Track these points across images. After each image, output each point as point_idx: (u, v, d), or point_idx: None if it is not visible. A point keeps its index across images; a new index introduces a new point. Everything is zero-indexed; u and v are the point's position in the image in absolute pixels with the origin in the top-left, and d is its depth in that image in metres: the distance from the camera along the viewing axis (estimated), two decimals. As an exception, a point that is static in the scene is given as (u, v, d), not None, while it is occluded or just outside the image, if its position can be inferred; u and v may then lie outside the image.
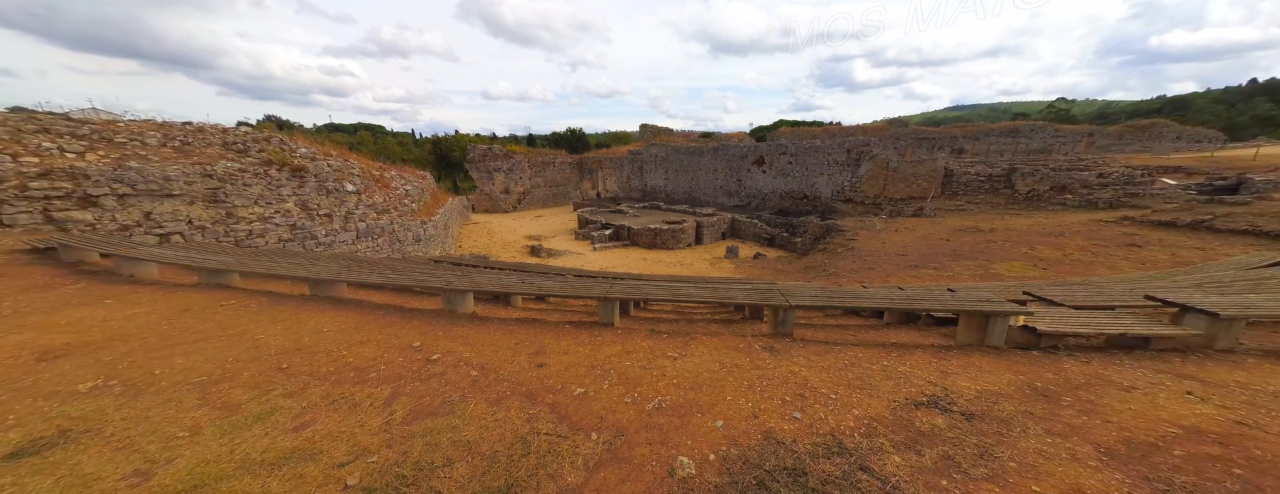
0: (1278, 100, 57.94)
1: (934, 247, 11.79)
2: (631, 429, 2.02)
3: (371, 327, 3.24)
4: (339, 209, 9.69)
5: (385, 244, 10.90)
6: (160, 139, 7.63)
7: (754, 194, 25.20)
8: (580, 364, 2.70)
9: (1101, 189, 16.09)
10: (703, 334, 3.36)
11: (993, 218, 15.21)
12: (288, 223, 8.59)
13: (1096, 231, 11.52)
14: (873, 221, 16.31)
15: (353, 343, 2.93)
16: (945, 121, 49.37)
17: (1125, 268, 8.55)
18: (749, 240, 19.63)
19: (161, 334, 2.94)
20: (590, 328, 3.42)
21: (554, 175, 35.25)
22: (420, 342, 3.00)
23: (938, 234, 13.23)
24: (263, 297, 3.82)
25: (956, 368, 2.70)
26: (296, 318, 3.35)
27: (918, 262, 10.53)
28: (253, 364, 2.60)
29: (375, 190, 11.09)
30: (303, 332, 3.09)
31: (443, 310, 3.68)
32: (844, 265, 11.50)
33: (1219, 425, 2.02)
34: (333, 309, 3.60)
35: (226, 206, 7.74)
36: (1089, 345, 3.15)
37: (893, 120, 33.20)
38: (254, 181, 8.13)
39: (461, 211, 26.79)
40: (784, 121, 51.38)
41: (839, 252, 13.29)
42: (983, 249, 10.92)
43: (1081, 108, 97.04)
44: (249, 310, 3.46)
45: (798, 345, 3.11)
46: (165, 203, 7.06)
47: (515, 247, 19.40)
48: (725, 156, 25.98)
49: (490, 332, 3.25)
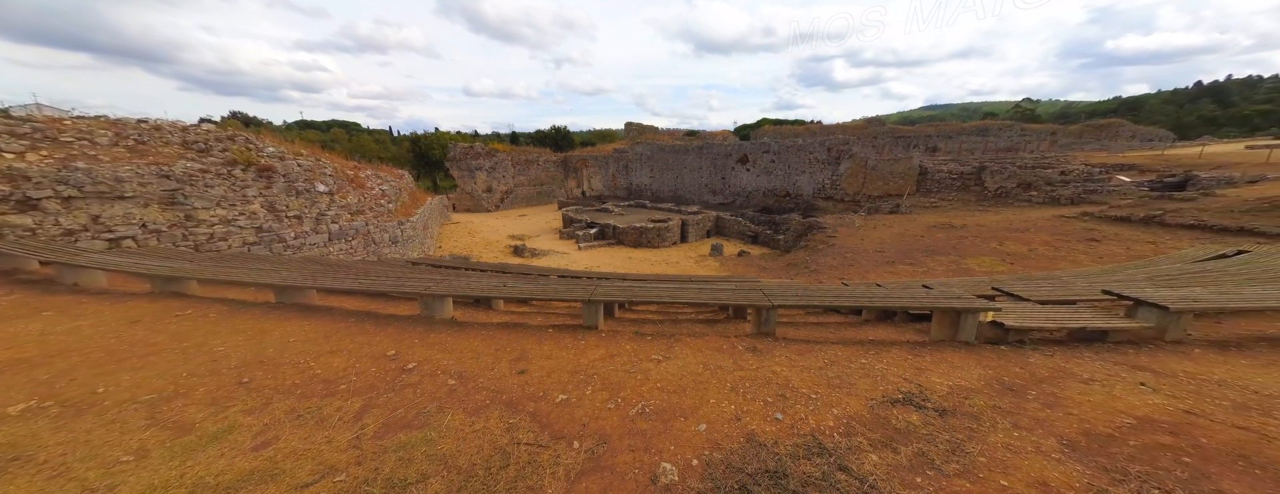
0: (1220, 102, 62.15)
1: (910, 242, 12.17)
2: (614, 436, 1.99)
3: (342, 335, 3.11)
4: (310, 210, 9.29)
5: (360, 246, 10.53)
6: (112, 138, 7.14)
7: (738, 192, 25.47)
8: (563, 369, 2.65)
9: (1064, 186, 16.92)
10: (687, 335, 3.36)
11: (964, 214, 15.80)
12: (253, 225, 8.19)
13: (1059, 227, 12.11)
14: (852, 219, 16.72)
15: (321, 353, 2.81)
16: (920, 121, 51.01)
17: (1085, 262, 9.01)
18: (734, 238, 19.84)
19: (107, 348, 2.75)
20: (574, 331, 3.38)
21: (538, 174, 34.78)
22: (395, 350, 2.89)
23: (913, 230, 13.66)
24: (223, 305, 3.61)
25: (930, 364, 2.78)
26: (260, 327, 3.18)
27: (894, 258, 10.85)
28: (210, 379, 2.45)
29: (349, 190, 10.68)
30: (267, 342, 2.94)
31: (420, 316, 3.57)
32: (825, 262, 11.76)
33: (1170, 415, 2.14)
34: (300, 317, 3.43)
35: (185, 209, 7.31)
36: (1052, 339, 3.30)
37: (871, 119, 34.11)
38: (216, 182, 7.71)
39: (442, 211, 26.14)
40: (767, 120, 52.05)
41: (820, 248, 13.57)
42: (955, 245, 11.33)
43: (1046, 108, 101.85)
44: (207, 320, 3.26)
45: (780, 345, 3.14)
46: (116, 205, 6.62)
47: (498, 247, 19.07)
48: (710, 155, 26.15)
49: (470, 337, 3.16)
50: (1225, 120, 55.24)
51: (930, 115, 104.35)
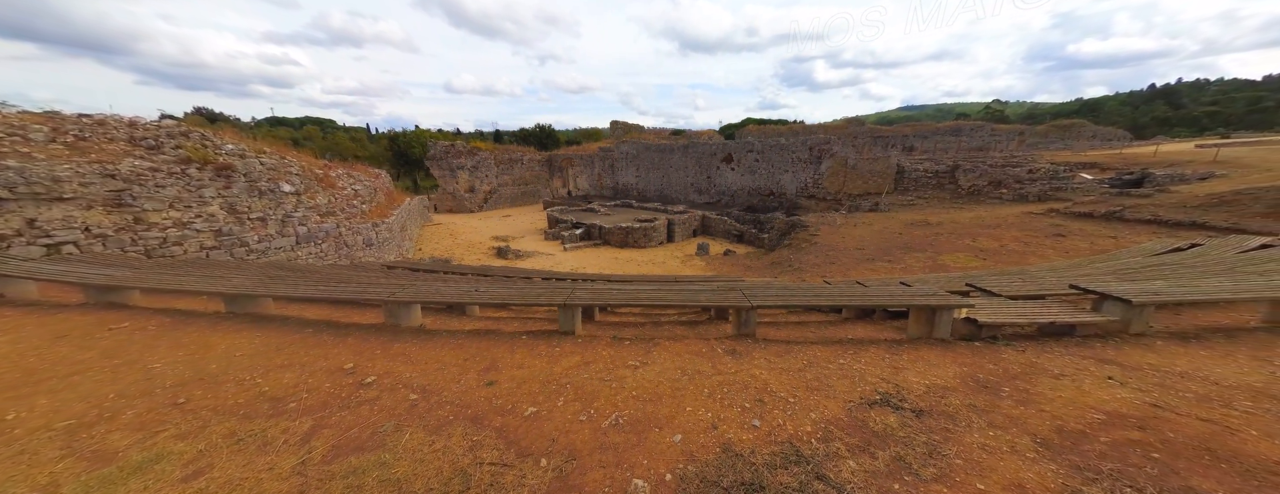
0: (1172, 103, 65.91)
1: (888, 240, 12.43)
2: (585, 451, 1.89)
3: (296, 347, 2.90)
4: (274, 212, 8.83)
5: (330, 249, 10.09)
6: (48, 134, 6.59)
7: (724, 191, 25.62)
8: (534, 379, 2.53)
9: (1032, 184, 17.60)
10: (666, 338, 3.27)
11: (939, 212, 16.27)
12: (212, 228, 7.72)
13: (1028, 223, 12.57)
14: (834, 217, 17.00)
15: (271, 368, 2.60)
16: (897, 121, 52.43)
17: (1053, 256, 9.35)
18: (720, 237, 19.93)
19: (25, 368, 2.48)
20: (550, 337, 3.25)
21: (522, 173, 34.23)
22: (353, 363, 2.71)
23: (891, 228, 13.97)
24: (166, 317, 3.34)
25: (907, 362, 2.77)
26: (205, 341, 2.94)
27: (874, 255, 11.05)
28: (141, 400, 2.23)
29: (318, 190, 10.21)
30: (210, 357, 2.71)
31: (385, 325, 3.37)
32: (808, 260, 11.89)
33: (1137, 409, 2.17)
34: (252, 328, 3.20)
35: (134, 211, 6.82)
36: (1024, 334, 3.35)
37: (851, 119, 34.85)
38: (169, 182, 7.23)
39: (422, 212, 25.42)
40: (751, 119, 52.61)
41: (803, 247, 13.74)
42: (931, 241, 11.63)
43: (1014, 109, 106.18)
44: (145, 334, 3.00)
45: (759, 346, 3.09)
46: (55, 208, 6.12)
47: (481, 248, 18.65)
48: (695, 154, 26.23)
49: (437, 347, 3.00)
50: (1177, 121, 58.70)
51: (907, 116, 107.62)
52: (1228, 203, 11.04)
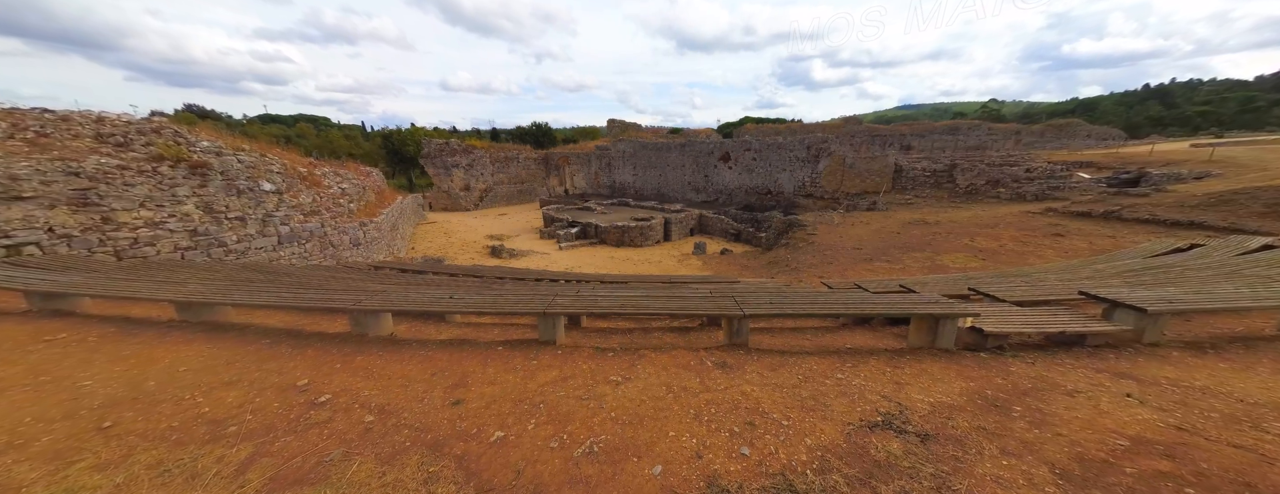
0: (1166, 103, 66.30)
1: (886, 239, 12.27)
2: (552, 486, 1.68)
3: (249, 360, 2.67)
4: (254, 211, 8.53)
5: (315, 250, 9.80)
6: (6, 130, 6.28)
7: (721, 190, 25.43)
8: (506, 397, 2.31)
9: (1029, 183, 17.52)
10: (653, 349, 3.06)
11: (937, 211, 16.15)
12: (186, 228, 7.43)
13: (1026, 222, 12.45)
14: (831, 216, 16.84)
15: (216, 385, 2.37)
16: (894, 120, 52.43)
17: (1052, 256, 9.22)
18: (716, 236, 19.75)
19: (-64, 389, 2.24)
20: (529, 348, 3.04)
21: (518, 171, 33.86)
22: (308, 379, 2.48)
23: (889, 227, 13.82)
24: (115, 326, 3.10)
25: (909, 377, 2.58)
26: (148, 354, 2.70)
27: (872, 255, 10.89)
28: (62, 424, 2.00)
29: (301, 189, 9.91)
30: (151, 372, 2.48)
31: (350, 334, 3.14)
32: (805, 260, 11.72)
33: (1162, 433, 1.98)
34: (204, 339, 2.96)
35: (102, 210, 6.53)
36: (1031, 343, 3.16)
37: (848, 118, 34.72)
38: (139, 180, 6.92)
39: (416, 210, 25.06)
40: (749, 118, 52.38)
41: (800, 246, 13.57)
42: (929, 241, 11.48)
43: (1010, 108, 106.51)
44: (83, 346, 2.75)
45: (752, 358, 2.89)
46: (14, 207, 5.82)
47: (475, 247, 18.37)
48: (693, 153, 26.00)
49: (404, 360, 2.77)
50: (1171, 120, 59.03)
51: (904, 115, 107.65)
52: (1225, 202, 10.96)
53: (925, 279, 6.77)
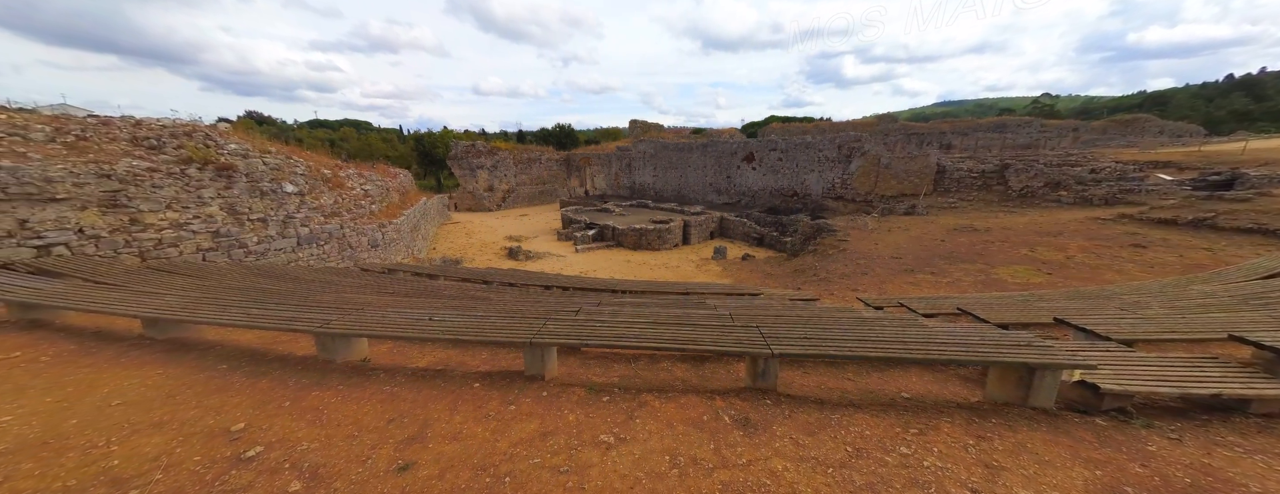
0: (1254, 96, 59.25)
1: (929, 248, 11.15)
2: None
3: (191, 393, 2.33)
4: (276, 213, 8.62)
5: (334, 251, 9.85)
6: (49, 134, 6.50)
7: (744, 191, 24.50)
8: (467, 462, 1.84)
9: (1096, 185, 15.68)
10: (658, 391, 2.52)
11: (987, 216, 14.68)
12: (209, 230, 7.52)
13: (1096, 231, 11.00)
14: (865, 220, 15.68)
15: (141, 426, 2.03)
16: (933, 117, 49.27)
17: (1136, 273, 7.96)
18: (738, 240, 18.90)
19: None
20: (511, 384, 2.57)
21: (540, 172, 34.08)
22: (247, 421, 2.10)
23: (932, 234, 12.62)
24: (78, 342, 2.88)
25: (1004, 456, 1.91)
26: (92, 379, 2.42)
27: (913, 265, 9.87)
28: (-58, 480, 1.68)
29: (323, 191, 10.00)
30: (82, 406, 2.17)
31: (316, 360, 2.78)
32: (835, 269, 10.80)
33: None
34: (160, 361, 2.67)
35: (130, 212, 6.65)
36: (1163, 405, 2.40)
37: (882, 116, 32.76)
38: (166, 182, 7.04)
39: (440, 211, 25.54)
40: (775, 118, 50.66)
41: (830, 253, 12.61)
42: (980, 251, 10.30)
43: (1065, 103, 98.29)
44: (30, 368, 2.51)
45: (782, 412, 2.29)
46: (48, 208, 5.97)
47: (494, 248, 18.37)
48: (714, 153, 25.20)
49: (363, 398, 2.36)
50: (1260, 114, 52.47)
51: (944, 112, 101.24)
52: (1357, 210, 9.21)
53: (986, 298, 5.86)
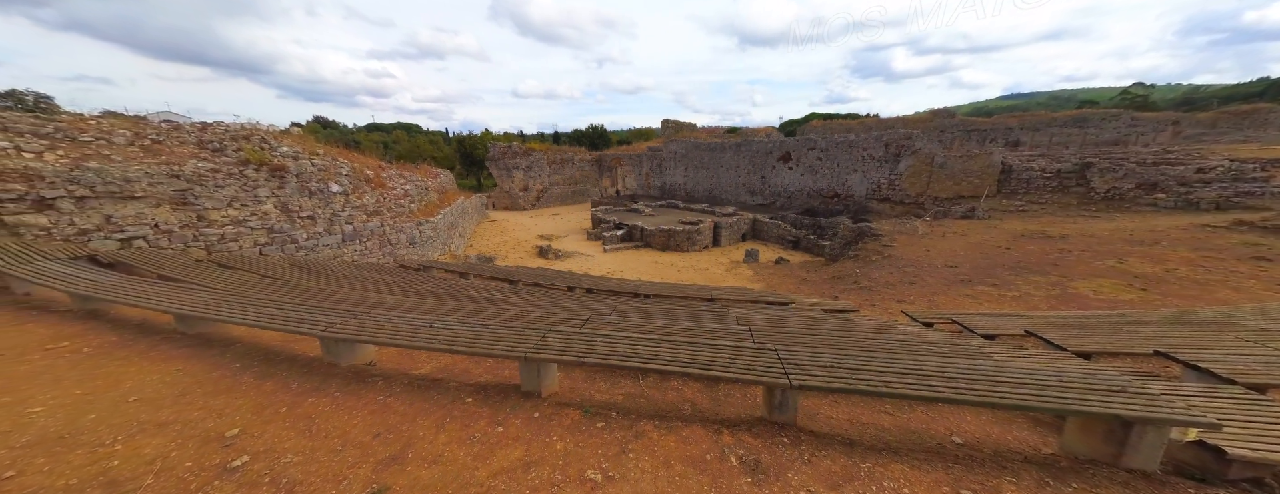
0: None
1: (991, 256, 10.00)
2: None
3: (200, 392, 2.38)
4: (323, 211, 9.19)
5: (375, 247, 10.39)
6: (129, 137, 7.28)
7: (779, 192, 23.49)
8: (442, 491, 1.70)
9: (1203, 187, 13.45)
10: (659, 418, 2.28)
11: (1063, 221, 13.02)
12: (265, 226, 8.13)
13: (1205, 240, 9.38)
14: (914, 224, 14.44)
15: (148, 425, 2.07)
16: (998, 111, 44.75)
17: (1257, 291, 6.65)
18: (772, 242, 18.12)
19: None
20: (506, 400, 2.43)
21: (573, 173, 34.62)
22: (242, 426, 2.09)
23: (994, 240, 11.35)
24: (119, 334, 3.08)
25: (1090, 540, 1.50)
26: (120, 373, 2.54)
27: (970, 275, 8.87)
28: (-36, 471, 1.76)
29: (366, 190, 10.58)
30: (105, 399, 2.27)
31: (322, 362, 2.79)
32: (879, 276, 9.97)
33: None
34: (184, 356, 2.79)
35: (196, 209, 7.31)
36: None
37: (937, 111, 30.14)
38: (227, 182, 7.68)
39: (478, 209, 26.56)
40: (816, 115, 48.25)
41: (873, 259, 11.69)
42: (1055, 261, 9.09)
43: (1161, 93, 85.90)
44: (71, 359, 2.69)
45: (800, 455, 1.98)
46: (128, 205, 6.67)
47: (525, 247, 18.79)
48: (748, 152, 24.34)
49: (357, 407, 2.31)
50: None
51: (1011, 105, 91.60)
52: None
53: (1062, 318, 5.06)
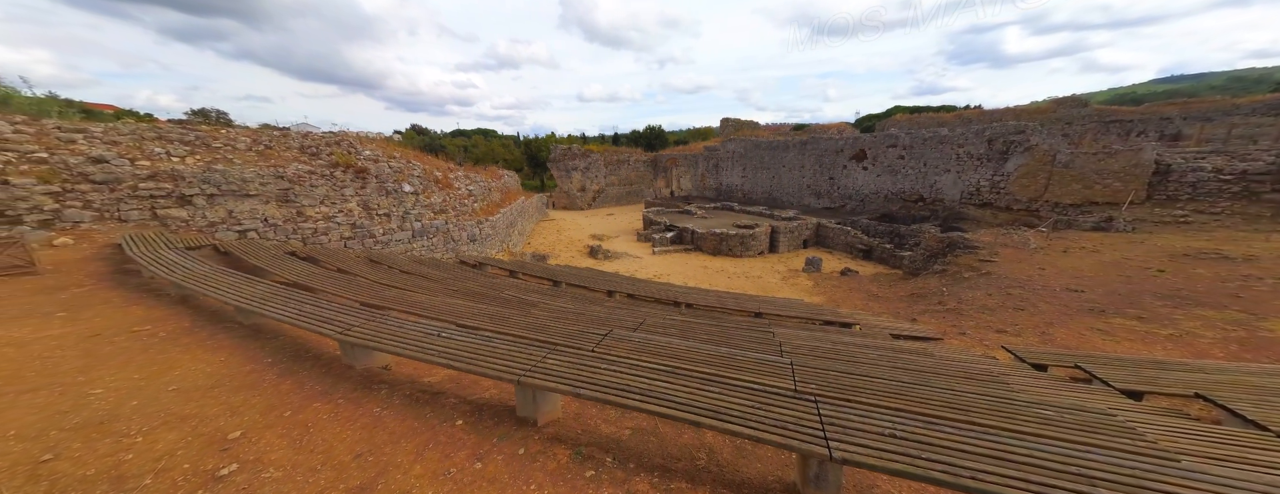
0: None
1: (1135, 280, 7.88)
2: None
3: (227, 386, 2.50)
4: (397, 209, 10.11)
5: (439, 243, 11.21)
6: (249, 144, 8.59)
7: (851, 194, 21.29)
8: (394, 536, 1.50)
9: None
10: (656, 484, 1.89)
11: (1247, 237, 9.91)
12: (349, 222, 9.12)
13: None
14: (1025, 235, 12.04)
15: (169, 419, 2.19)
16: (1150, 98, 36.05)
17: None
18: (839, 251, 16.43)
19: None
20: (494, 428, 2.22)
21: (628, 173, 34.93)
22: (246, 427, 2.12)
23: (1141, 259, 8.96)
24: (195, 319, 3.47)
25: None
26: (175, 359, 2.80)
27: (1104, 303, 7.03)
28: (15, 447, 1.95)
29: (434, 190, 11.46)
30: (152, 386, 2.48)
31: (339, 361, 2.84)
32: (973, 298, 8.37)
33: None
34: (231, 346, 3.03)
35: (296, 206, 8.41)
36: None
37: (1064, 99, 25.05)
38: (320, 183, 8.74)
39: (539, 208, 27.92)
40: (900, 108, 43.16)
41: (966, 276, 9.92)
42: (1237, 291, 6.85)
43: None
44: (146, 342, 3.04)
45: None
46: (245, 202, 7.86)
47: (577, 246, 19.23)
48: (815, 151, 22.40)
49: (351, 419, 2.25)
50: None
51: (1169, 90, 72.98)
52: None
53: (1251, 374, 3.63)
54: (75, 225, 6.46)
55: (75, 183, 6.59)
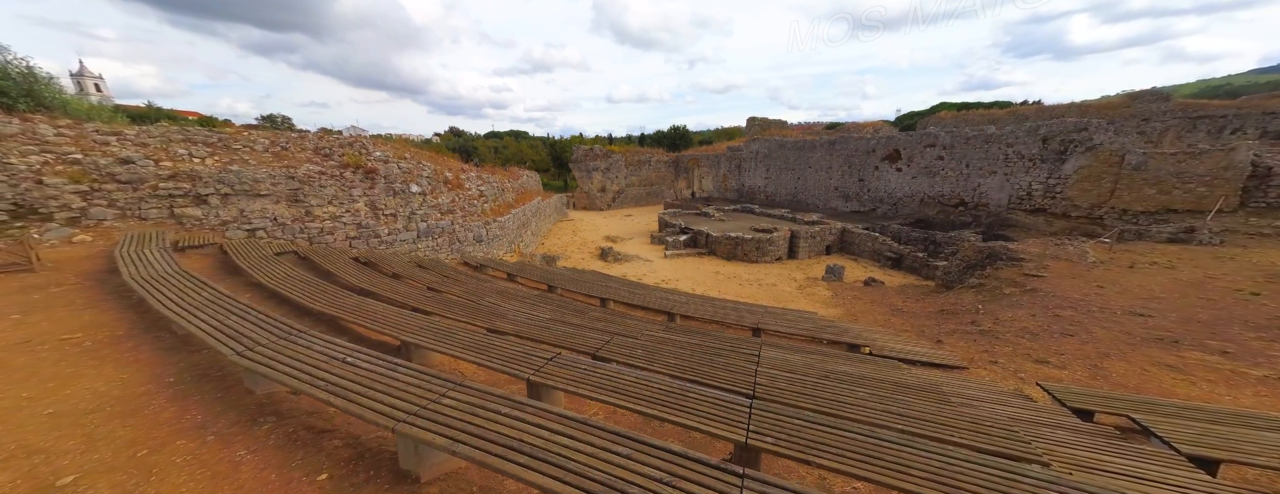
0: None
1: (1220, 305, 6.60)
2: None
3: (107, 412, 2.27)
4: (403, 209, 10.21)
5: (444, 243, 11.26)
6: (266, 145, 8.90)
7: (882, 198, 19.85)
8: None
9: None
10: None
11: (1381, 256, 8.15)
12: (355, 222, 9.27)
13: None
14: (1082, 247, 10.59)
15: (19, 453, 1.99)
16: (1249, 90, 31.48)
17: None
18: (865, 258, 15.28)
19: None
20: (363, 486, 1.87)
21: (649, 174, 34.50)
22: (86, 471, 1.89)
23: (1228, 279, 7.56)
24: (135, 325, 3.39)
25: None
26: (80, 374, 2.65)
27: (1179, 333, 5.90)
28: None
29: (442, 191, 11.53)
30: (37, 405, 2.32)
31: (241, 386, 2.61)
32: (1012, 317, 7.35)
33: None
34: (149, 361, 2.86)
35: (305, 205, 8.62)
36: None
37: (1139, 94, 22.22)
38: (329, 183, 8.92)
39: (558, 208, 28.01)
40: (946, 104, 40.04)
41: (1007, 291, 8.80)
42: (1363, 326, 5.52)
43: None
44: (68, 353, 2.95)
45: None
46: (256, 202, 8.11)
47: (590, 248, 19.02)
48: (843, 151, 21.07)
49: (207, 464, 1.99)
50: None
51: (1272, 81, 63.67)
52: None
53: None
54: (98, 223, 6.84)
55: (102, 182, 6.99)
